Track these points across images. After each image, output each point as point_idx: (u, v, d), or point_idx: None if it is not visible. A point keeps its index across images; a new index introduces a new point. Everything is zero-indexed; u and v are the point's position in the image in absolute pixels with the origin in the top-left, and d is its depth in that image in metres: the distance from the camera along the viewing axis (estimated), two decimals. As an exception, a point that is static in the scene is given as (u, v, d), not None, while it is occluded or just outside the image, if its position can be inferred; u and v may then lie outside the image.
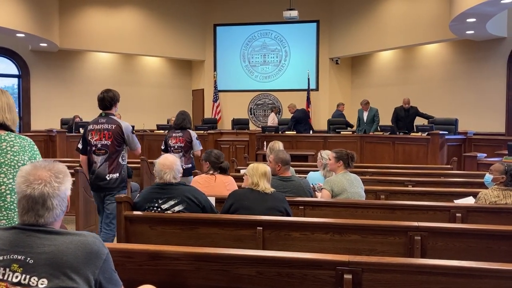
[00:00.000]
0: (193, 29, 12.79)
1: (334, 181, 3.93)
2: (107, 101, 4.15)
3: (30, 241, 1.54)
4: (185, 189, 3.26)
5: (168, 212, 3.14)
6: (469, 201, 3.88)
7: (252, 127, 12.20)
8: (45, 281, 1.49)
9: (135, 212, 3.19)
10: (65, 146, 8.87)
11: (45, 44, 10.53)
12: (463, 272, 2.03)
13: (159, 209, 3.16)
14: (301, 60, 12.60)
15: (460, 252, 2.78)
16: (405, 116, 9.70)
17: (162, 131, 10.11)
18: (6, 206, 2.33)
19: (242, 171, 5.60)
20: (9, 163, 2.32)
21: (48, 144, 9.37)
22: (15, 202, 2.21)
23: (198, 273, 2.22)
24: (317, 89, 12.46)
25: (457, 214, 3.45)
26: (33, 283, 1.49)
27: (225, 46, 13.00)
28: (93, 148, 4.06)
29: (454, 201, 3.91)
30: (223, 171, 4.08)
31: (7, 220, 2.33)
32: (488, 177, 3.74)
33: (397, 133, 9.11)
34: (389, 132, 9.24)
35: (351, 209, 3.64)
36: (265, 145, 8.54)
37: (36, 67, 11.36)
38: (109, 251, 1.66)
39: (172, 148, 5.40)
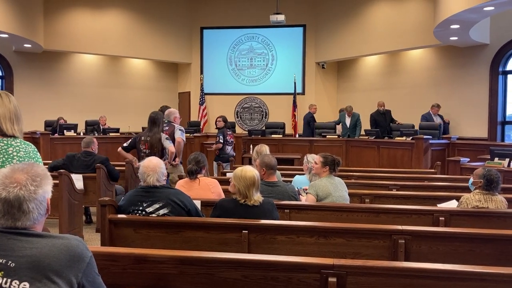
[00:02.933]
0: (179, 32, 12.76)
1: (319, 185, 3.94)
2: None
3: (12, 244, 1.52)
4: (170, 192, 3.24)
5: (153, 215, 3.12)
6: (452, 204, 3.93)
7: (238, 130, 12.20)
8: (27, 284, 1.46)
9: (120, 216, 3.16)
10: (49, 148, 8.75)
11: (29, 45, 10.40)
12: (446, 275, 2.05)
13: (143, 213, 3.14)
14: (287, 64, 12.65)
15: (444, 256, 2.82)
16: (383, 120, 9.87)
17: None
18: None
19: (228, 175, 5.60)
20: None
21: (31, 146, 9.24)
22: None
23: (183, 277, 2.21)
24: (303, 93, 12.52)
25: (441, 218, 3.49)
26: (14, 286, 1.46)
27: (212, 49, 12.99)
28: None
29: (438, 205, 3.96)
30: (191, 174, 4.03)
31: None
32: (471, 180, 3.80)
33: (383, 137, 9.24)
34: (374, 137, 9.33)
35: (336, 213, 3.65)
36: (251, 149, 8.54)
37: (20, 68, 11.20)
38: (92, 254, 1.64)
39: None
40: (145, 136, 5.44)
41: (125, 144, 5.60)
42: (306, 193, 3.96)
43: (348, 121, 10.22)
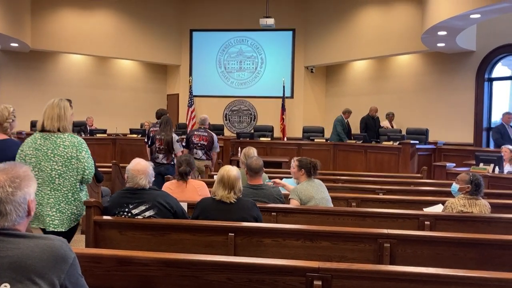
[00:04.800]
0: (169, 34, 12.72)
1: (300, 189, 3.95)
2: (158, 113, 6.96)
3: (-7, 245, 1.49)
4: (157, 194, 3.22)
5: (139, 217, 3.10)
6: (438, 208, 3.96)
7: (227, 133, 12.18)
8: (8, 285, 1.44)
9: (105, 217, 3.14)
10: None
11: (16, 44, 10.28)
12: (431, 279, 2.07)
13: (129, 214, 3.11)
14: (276, 68, 12.68)
15: (428, 259, 2.84)
16: (373, 125, 9.97)
17: (135, 135, 10.00)
18: (54, 187, 3.05)
19: (216, 177, 5.58)
20: (60, 154, 3.04)
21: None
22: (62, 184, 3.05)
23: (168, 279, 2.19)
24: (292, 96, 12.56)
25: (426, 222, 3.52)
26: (-6, 288, 1.44)
27: (201, 51, 12.97)
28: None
29: (424, 209, 3.99)
30: (181, 176, 4.04)
31: (55, 199, 3.05)
32: (455, 186, 3.84)
33: (371, 141, 9.31)
34: (361, 141, 9.39)
35: (322, 216, 3.67)
36: (239, 151, 8.53)
37: (6, 68, 11.07)
38: (76, 255, 1.62)
39: (194, 145, 6.74)
40: (159, 134, 6.29)
41: (148, 142, 6.55)
42: (289, 199, 3.96)
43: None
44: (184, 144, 6.75)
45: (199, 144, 6.74)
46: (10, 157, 3.14)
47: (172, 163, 6.11)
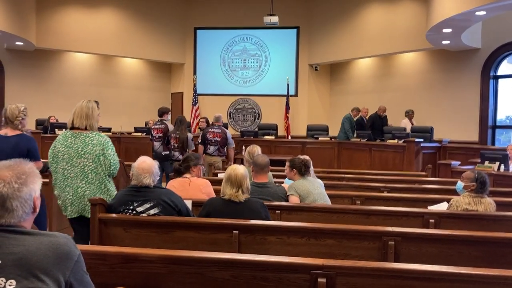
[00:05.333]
0: (173, 32, 12.73)
1: (297, 185, 3.96)
2: (159, 111, 7.20)
3: (-1, 241, 1.50)
4: (161, 192, 3.23)
5: (144, 215, 3.11)
6: (443, 206, 3.95)
7: (231, 131, 12.15)
8: (14, 282, 1.45)
9: (110, 215, 3.15)
10: (40, 147, 8.65)
11: (21, 43, 10.32)
12: (435, 277, 2.06)
13: (134, 212, 3.12)
14: (281, 66, 12.66)
15: (433, 257, 2.83)
16: (380, 124, 9.94)
17: (140, 134, 10.03)
18: (88, 181, 3.45)
19: (220, 175, 5.61)
20: (89, 152, 3.42)
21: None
22: (94, 178, 3.44)
23: (173, 277, 2.20)
24: (296, 95, 12.54)
25: (430, 220, 3.51)
26: (0, 284, 1.45)
27: (205, 49, 12.97)
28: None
29: (428, 207, 3.98)
30: (176, 172, 4.08)
31: (90, 191, 3.43)
32: (460, 184, 3.82)
33: (375, 139, 9.28)
34: (366, 139, 9.37)
35: (327, 214, 3.66)
36: (243, 149, 8.54)
37: (11, 66, 11.11)
38: (81, 253, 1.63)
39: (209, 141, 7.22)
40: (174, 133, 6.93)
41: (166, 142, 7.02)
42: (288, 195, 3.96)
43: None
44: (199, 140, 7.35)
45: (213, 141, 7.21)
46: (24, 150, 3.64)
47: None
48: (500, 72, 9.36)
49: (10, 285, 1.45)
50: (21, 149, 3.64)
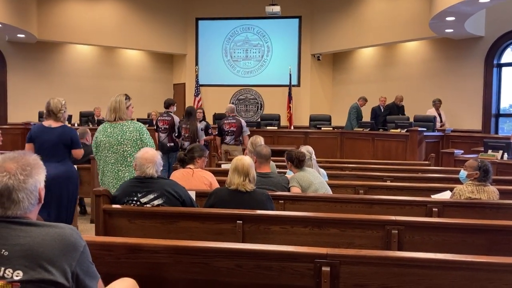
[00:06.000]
0: (174, 23, 12.68)
1: (298, 177, 3.98)
2: (166, 103, 7.33)
3: (5, 233, 1.52)
4: (165, 183, 3.24)
5: (148, 205, 3.12)
6: (446, 195, 3.95)
7: (233, 122, 12.17)
8: (20, 273, 1.47)
9: (114, 206, 3.16)
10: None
11: (22, 35, 10.31)
12: (438, 265, 2.07)
13: (138, 203, 3.14)
14: (283, 56, 12.62)
15: (436, 246, 2.84)
16: (397, 113, 9.77)
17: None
18: (127, 164, 3.86)
19: (223, 166, 5.62)
20: (128, 138, 3.86)
21: (25, 137, 9.16)
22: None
23: (177, 266, 2.21)
24: (298, 85, 12.51)
25: (434, 209, 3.52)
26: (8, 275, 1.46)
27: (207, 40, 12.93)
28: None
29: (432, 196, 3.98)
30: (180, 162, 4.11)
31: (129, 173, 3.82)
32: (463, 173, 3.83)
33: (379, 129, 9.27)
34: (369, 129, 9.35)
35: (330, 204, 3.67)
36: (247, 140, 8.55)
37: (13, 59, 11.11)
38: (87, 244, 1.65)
39: (226, 132, 7.56)
40: (185, 124, 7.23)
41: (177, 134, 7.24)
42: (290, 187, 3.98)
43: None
44: (216, 132, 7.76)
45: (229, 131, 7.58)
46: (67, 139, 4.10)
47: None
48: (503, 60, 9.30)
49: (17, 276, 1.47)
50: (65, 138, 4.07)
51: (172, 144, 7.12)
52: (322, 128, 10.04)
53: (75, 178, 4.25)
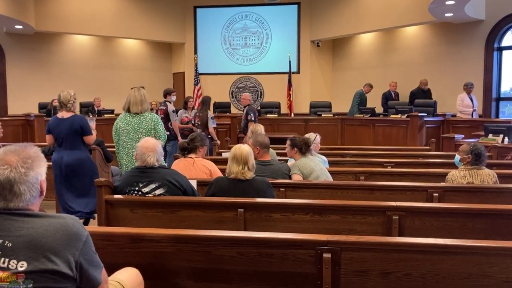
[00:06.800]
0: (173, 11, 12.59)
1: (300, 164, 3.99)
2: (163, 93, 7.70)
3: (8, 224, 1.53)
4: (166, 173, 3.25)
5: (149, 195, 3.14)
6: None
7: (233, 110, 12.17)
8: (25, 263, 1.48)
9: (116, 196, 3.18)
10: (43, 130, 8.69)
11: (20, 26, 10.24)
12: (439, 250, 2.08)
13: (139, 193, 3.15)
14: (282, 43, 12.54)
15: (437, 231, 2.86)
16: (423, 98, 9.62)
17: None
18: None
19: (224, 155, 5.63)
20: (143, 127, 4.37)
21: (25, 129, 9.20)
22: None
23: (179, 255, 2.23)
24: (298, 72, 12.46)
25: (434, 194, 3.53)
26: (12, 266, 1.48)
27: (206, 28, 12.85)
28: None
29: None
30: (182, 150, 4.11)
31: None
32: (457, 157, 3.84)
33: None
34: (369, 115, 9.34)
35: (331, 190, 3.68)
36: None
37: (12, 50, 11.06)
38: (89, 233, 1.66)
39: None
40: (198, 112, 7.71)
41: (193, 122, 7.72)
42: (291, 174, 3.99)
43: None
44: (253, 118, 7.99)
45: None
46: (78, 127, 4.46)
47: (209, 136, 7.37)
48: (504, 43, 9.24)
49: (21, 267, 1.48)
50: (75, 126, 4.45)
51: (168, 132, 7.19)
52: (323, 115, 10.03)
53: (89, 162, 4.62)
